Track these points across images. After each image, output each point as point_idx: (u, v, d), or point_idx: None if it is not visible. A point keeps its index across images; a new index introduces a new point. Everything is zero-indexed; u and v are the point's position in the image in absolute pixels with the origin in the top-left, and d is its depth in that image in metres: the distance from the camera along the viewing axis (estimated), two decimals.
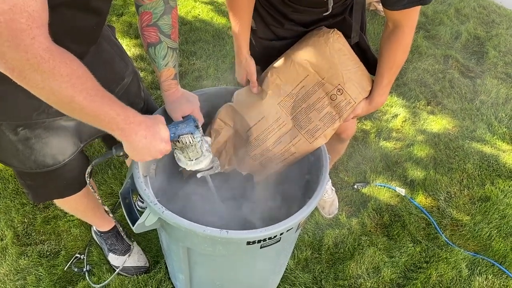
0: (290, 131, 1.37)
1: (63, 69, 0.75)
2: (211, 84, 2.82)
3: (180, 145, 1.08)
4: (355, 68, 1.33)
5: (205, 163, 1.18)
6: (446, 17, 3.73)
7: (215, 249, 1.14)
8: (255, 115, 1.36)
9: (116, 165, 2.24)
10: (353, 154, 2.46)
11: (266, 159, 1.41)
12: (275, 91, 1.35)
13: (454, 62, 3.24)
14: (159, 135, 0.99)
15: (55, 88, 0.76)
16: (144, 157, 1.00)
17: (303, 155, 1.38)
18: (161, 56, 1.18)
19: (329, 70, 1.30)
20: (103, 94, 0.85)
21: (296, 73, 1.33)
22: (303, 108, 1.35)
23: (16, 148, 1.14)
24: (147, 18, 1.13)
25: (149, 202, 1.08)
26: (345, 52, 1.31)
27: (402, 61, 1.31)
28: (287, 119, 1.36)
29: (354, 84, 1.32)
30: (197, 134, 1.08)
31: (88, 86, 0.81)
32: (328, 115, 1.33)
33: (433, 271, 1.90)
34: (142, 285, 1.76)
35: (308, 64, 1.32)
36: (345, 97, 1.32)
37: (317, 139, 1.34)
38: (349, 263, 1.91)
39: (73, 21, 0.95)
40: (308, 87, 1.33)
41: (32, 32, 0.69)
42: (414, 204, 2.20)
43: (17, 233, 1.94)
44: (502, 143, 2.63)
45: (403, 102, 2.86)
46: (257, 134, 1.37)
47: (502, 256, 2.01)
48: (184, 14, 3.51)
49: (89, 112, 0.83)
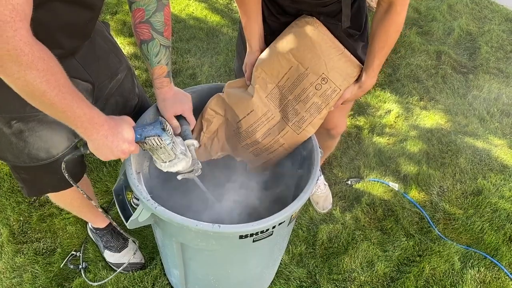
0: (278, 124, 1.38)
1: (40, 64, 0.77)
2: (205, 82, 2.83)
3: (148, 146, 1.08)
4: (338, 55, 1.32)
5: (182, 165, 1.17)
6: (438, 13, 3.74)
7: (208, 243, 1.15)
8: (244, 108, 1.37)
9: (111, 163, 2.25)
10: (346, 150, 2.48)
11: (257, 150, 1.43)
12: (262, 85, 1.36)
13: (446, 58, 3.26)
14: (122, 135, 1.00)
15: (30, 81, 0.78)
16: (106, 156, 1.02)
17: (293, 146, 1.39)
18: (154, 54, 1.18)
19: (312, 60, 1.30)
20: (74, 93, 0.87)
21: (280, 65, 1.34)
22: (289, 100, 1.35)
23: (9, 141, 1.15)
24: (139, 15, 1.14)
25: (142, 198, 1.09)
26: (326, 40, 1.31)
27: (394, 41, 1.30)
28: (275, 112, 1.38)
29: (338, 71, 1.32)
30: (165, 137, 1.08)
31: (61, 84, 0.83)
32: (314, 105, 1.33)
33: (426, 265, 1.92)
34: (138, 281, 1.77)
35: (291, 55, 1.32)
36: (330, 85, 1.32)
37: (304, 130, 1.35)
38: (343, 258, 1.93)
39: (66, 15, 0.96)
40: (293, 78, 1.34)
41: (15, 24, 0.71)
42: (407, 199, 2.23)
43: (12, 231, 1.95)
44: (494, 138, 2.66)
45: (396, 98, 2.88)
46: (246, 127, 1.39)
47: (494, 249, 2.03)
48: (178, 12, 3.51)
49: (58, 108, 0.85)
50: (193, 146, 1.23)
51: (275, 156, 1.43)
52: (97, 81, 1.21)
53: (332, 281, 1.86)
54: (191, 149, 1.22)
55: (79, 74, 1.14)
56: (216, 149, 1.49)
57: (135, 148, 1.05)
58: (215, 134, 1.47)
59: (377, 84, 2.98)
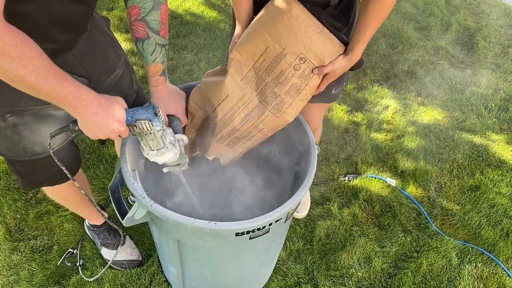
0: (257, 108, 1.32)
1: (14, 51, 0.77)
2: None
3: (138, 130, 1.06)
4: (316, 33, 1.24)
5: (169, 156, 1.15)
6: (436, 8, 3.74)
7: (204, 241, 1.15)
8: (218, 94, 1.32)
9: (108, 160, 2.24)
10: (344, 146, 2.48)
11: (233, 140, 1.38)
12: (236, 68, 1.30)
13: (444, 53, 3.25)
14: (113, 114, 0.99)
15: (5, 68, 0.78)
16: (96, 134, 1.01)
17: (273, 130, 1.34)
18: (149, 52, 1.17)
19: (289, 39, 1.24)
20: (56, 73, 0.87)
21: (256, 45, 1.27)
22: (267, 83, 1.29)
23: (4, 134, 1.15)
24: (135, 12, 1.12)
25: (138, 195, 1.09)
26: (303, 18, 1.23)
27: (387, 12, 1.23)
28: (252, 95, 1.31)
29: (317, 50, 1.25)
30: (156, 123, 1.06)
31: (40, 67, 0.82)
32: (294, 86, 1.27)
33: (423, 260, 1.93)
34: (135, 279, 1.77)
35: (267, 34, 1.25)
36: (308, 65, 1.25)
37: (284, 113, 1.29)
38: (340, 254, 1.93)
39: (57, 9, 0.96)
40: (270, 59, 1.27)
41: None
42: (404, 195, 2.23)
43: (9, 228, 1.94)
44: (492, 133, 2.66)
45: (394, 94, 2.88)
46: (223, 114, 1.33)
47: (491, 245, 2.04)
48: (174, 8, 3.49)
49: (41, 90, 0.86)
50: (182, 141, 1.21)
51: (252, 142, 1.38)
52: (94, 76, 1.20)
53: (330, 277, 1.86)
54: (180, 144, 1.20)
55: (75, 69, 1.14)
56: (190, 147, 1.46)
57: (125, 129, 1.04)
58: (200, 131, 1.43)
59: (374, 79, 2.98)
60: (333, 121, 2.63)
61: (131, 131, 1.07)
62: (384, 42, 3.33)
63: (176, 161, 1.19)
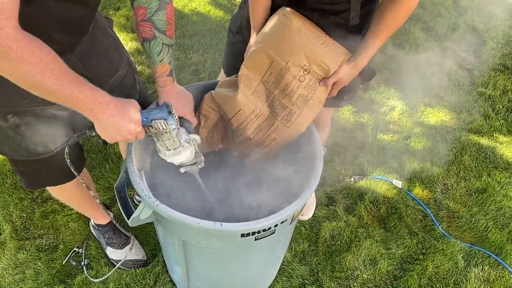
0: (268, 119, 1.37)
1: (31, 57, 0.78)
2: (208, 78, 2.82)
3: (154, 130, 1.08)
4: (319, 44, 1.26)
5: (185, 155, 1.17)
6: (444, 8, 3.72)
7: (210, 241, 1.14)
8: (231, 108, 1.36)
9: (113, 160, 2.25)
10: (350, 147, 2.46)
11: (251, 145, 1.41)
12: (246, 83, 1.34)
13: (451, 54, 3.23)
14: (129, 115, 1.00)
15: (24, 74, 0.79)
16: (114, 136, 1.02)
17: (286, 139, 1.37)
18: (156, 52, 1.17)
19: (292, 53, 1.27)
20: (72, 78, 0.88)
21: (261, 61, 1.31)
22: (275, 95, 1.33)
23: (6, 134, 1.15)
24: (142, 12, 1.12)
25: (143, 195, 1.08)
26: (304, 31, 1.26)
27: (400, 24, 1.23)
28: (263, 107, 1.36)
29: (321, 60, 1.27)
30: (171, 121, 1.08)
31: (57, 72, 0.83)
32: (301, 97, 1.31)
33: (429, 263, 1.91)
34: (140, 278, 1.77)
35: (271, 50, 1.29)
36: (313, 75, 1.29)
37: (294, 123, 1.33)
38: (346, 255, 1.92)
39: (59, 11, 0.96)
40: (275, 73, 1.31)
41: (0, 23, 0.71)
42: (411, 196, 2.21)
43: (15, 227, 1.95)
44: (499, 135, 2.63)
45: (400, 95, 2.86)
46: (237, 125, 1.38)
47: (498, 248, 2.02)
48: (181, 8, 3.49)
49: (59, 95, 0.87)
50: (195, 141, 1.24)
51: (269, 150, 1.42)
52: (96, 77, 1.20)
53: (335, 279, 1.85)
54: (193, 143, 1.22)
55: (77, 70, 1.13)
56: (217, 141, 1.50)
57: (141, 130, 1.05)
58: (215, 128, 1.46)
59: (381, 80, 2.96)
60: (340, 122, 2.62)
61: (147, 132, 1.09)
62: (391, 43, 3.31)
63: (192, 160, 1.22)
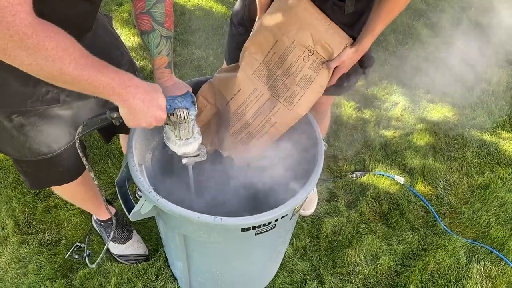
0: (268, 101, 1.34)
1: (48, 43, 0.74)
2: (211, 74, 2.81)
3: (174, 119, 1.06)
4: (324, 27, 1.27)
5: (194, 146, 1.17)
6: (447, 4, 3.70)
7: (210, 236, 1.15)
8: (231, 88, 1.34)
9: (116, 155, 2.25)
10: (352, 143, 2.46)
11: (247, 136, 1.39)
12: (248, 61, 1.33)
13: (454, 50, 3.21)
14: (157, 101, 0.98)
15: (42, 62, 0.76)
16: (139, 122, 0.98)
17: (285, 125, 1.36)
18: (154, 44, 1.17)
19: (298, 32, 1.27)
20: (94, 61, 0.84)
21: (265, 40, 1.30)
22: (278, 76, 1.32)
23: (11, 135, 1.15)
24: (140, 5, 1.13)
25: (144, 190, 1.09)
26: (311, 11, 1.26)
27: (402, 8, 1.24)
28: (263, 89, 1.34)
29: (326, 42, 1.27)
30: (192, 111, 1.07)
31: (77, 56, 0.80)
32: (304, 78, 1.30)
33: (431, 259, 1.91)
34: (142, 273, 1.78)
35: (276, 29, 1.28)
36: (316, 56, 1.29)
37: (296, 105, 1.31)
38: (347, 251, 1.92)
39: (64, 8, 0.95)
40: (279, 53, 1.30)
41: (14, 8, 0.69)
42: (413, 192, 2.21)
43: (18, 222, 1.96)
44: (502, 131, 2.62)
45: (403, 90, 2.85)
46: (235, 108, 1.35)
47: (501, 244, 2.01)
48: (183, 3, 3.49)
49: (81, 81, 0.82)
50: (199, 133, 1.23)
51: (266, 139, 1.39)
52: None
53: (336, 274, 1.85)
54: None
55: None
56: (206, 142, 1.45)
57: (165, 118, 1.03)
58: (207, 126, 1.44)
59: (383, 76, 2.95)
60: (342, 118, 2.61)
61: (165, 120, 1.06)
62: (394, 38, 3.30)
63: (196, 151, 1.22)
